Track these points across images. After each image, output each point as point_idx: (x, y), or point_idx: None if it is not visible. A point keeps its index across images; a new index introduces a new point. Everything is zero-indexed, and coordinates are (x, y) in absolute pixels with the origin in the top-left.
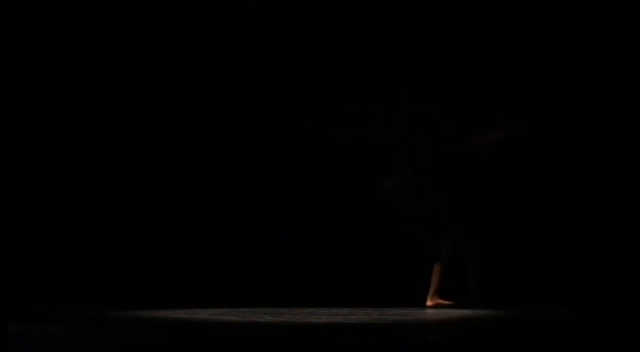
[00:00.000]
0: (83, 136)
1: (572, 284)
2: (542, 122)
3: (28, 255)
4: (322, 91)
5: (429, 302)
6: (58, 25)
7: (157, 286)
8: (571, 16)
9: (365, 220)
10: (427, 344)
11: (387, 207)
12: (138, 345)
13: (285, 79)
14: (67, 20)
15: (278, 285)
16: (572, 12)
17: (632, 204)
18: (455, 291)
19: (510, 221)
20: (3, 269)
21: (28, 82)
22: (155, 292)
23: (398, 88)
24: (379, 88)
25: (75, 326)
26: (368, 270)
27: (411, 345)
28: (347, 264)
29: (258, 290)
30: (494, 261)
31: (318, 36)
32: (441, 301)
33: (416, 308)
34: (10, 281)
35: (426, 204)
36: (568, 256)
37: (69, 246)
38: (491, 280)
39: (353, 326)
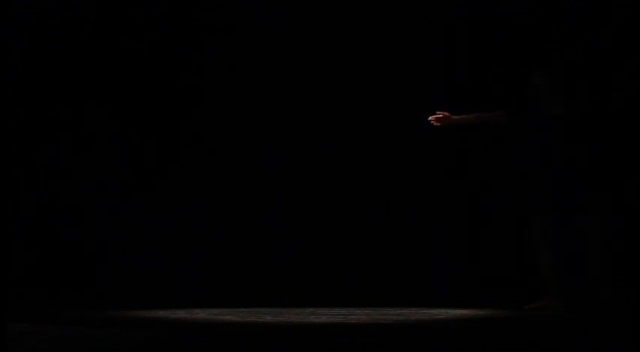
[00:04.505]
0: (83, 136)
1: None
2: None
3: (28, 256)
4: (322, 91)
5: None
6: (58, 25)
7: (157, 286)
8: (569, 16)
9: (365, 220)
10: (426, 345)
11: (387, 207)
12: (138, 345)
13: (287, 78)
14: (68, 20)
15: (278, 285)
16: (568, 12)
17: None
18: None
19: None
20: (3, 270)
21: (28, 83)
22: (155, 292)
23: (397, 87)
24: (378, 87)
25: (75, 326)
26: (368, 270)
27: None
28: (347, 263)
29: (258, 289)
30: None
31: (318, 36)
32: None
33: (416, 308)
34: (10, 281)
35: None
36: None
37: (69, 247)
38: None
39: (353, 326)
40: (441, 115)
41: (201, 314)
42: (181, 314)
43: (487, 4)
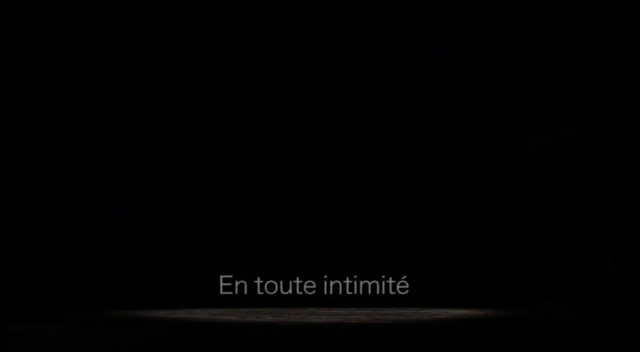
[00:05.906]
0: (83, 136)
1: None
2: None
3: (29, 256)
4: (322, 91)
5: None
6: (58, 25)
7: (157, 286)
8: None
9: (365, 220)
10: (425, 345)
11: (387, 207)
12: (138, 345)
13: (287, 78)
14: (68, 20)
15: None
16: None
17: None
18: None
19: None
20: (3, 270)
21: (28, 83)
22: (155, 292)
23: (397, 87)
24: (378, 87)
25: (75, 326)
26: (368, 270)
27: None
28: (347, 263)
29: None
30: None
31: (318, 36)
32: None
33: (416, 308)
34: (10, 281)
35: None
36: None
37: (69, 247)
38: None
39: (353, 326)
40: None
41: (201, 314)
42: (181, 314)
43: (487, 4)
